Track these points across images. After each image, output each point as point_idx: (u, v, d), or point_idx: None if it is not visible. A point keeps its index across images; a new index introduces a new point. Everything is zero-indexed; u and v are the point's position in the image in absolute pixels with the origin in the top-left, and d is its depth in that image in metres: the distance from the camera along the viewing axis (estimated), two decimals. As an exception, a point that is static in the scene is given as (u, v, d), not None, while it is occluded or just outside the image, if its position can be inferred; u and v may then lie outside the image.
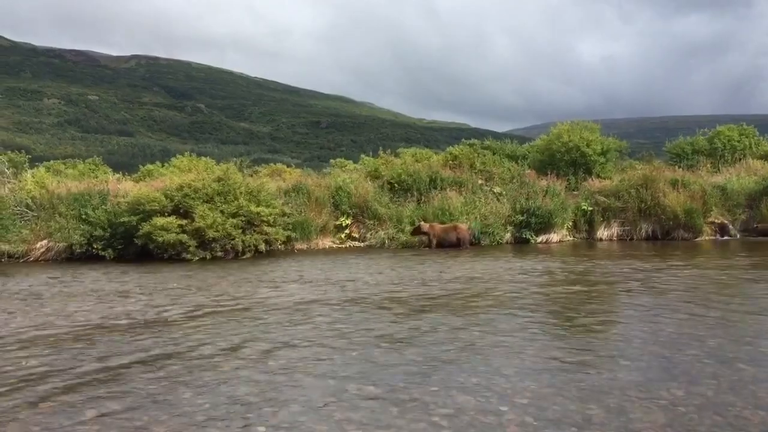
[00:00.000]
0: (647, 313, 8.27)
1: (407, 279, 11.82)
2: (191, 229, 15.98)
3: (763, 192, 20.59)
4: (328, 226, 19.43)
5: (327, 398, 5.18)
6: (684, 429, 4.39)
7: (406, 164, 22.44)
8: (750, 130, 28.12)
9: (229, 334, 7.52)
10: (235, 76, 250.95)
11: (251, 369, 6.05)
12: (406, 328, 7.64)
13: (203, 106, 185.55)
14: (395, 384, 5.47)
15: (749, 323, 7.59)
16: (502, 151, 28.61)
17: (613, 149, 25.44)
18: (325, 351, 6.63)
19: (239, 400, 5.19)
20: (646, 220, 20.37)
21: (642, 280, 11.20)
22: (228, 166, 19.18)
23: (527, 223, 19.41)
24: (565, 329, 7.61)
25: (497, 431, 4.46)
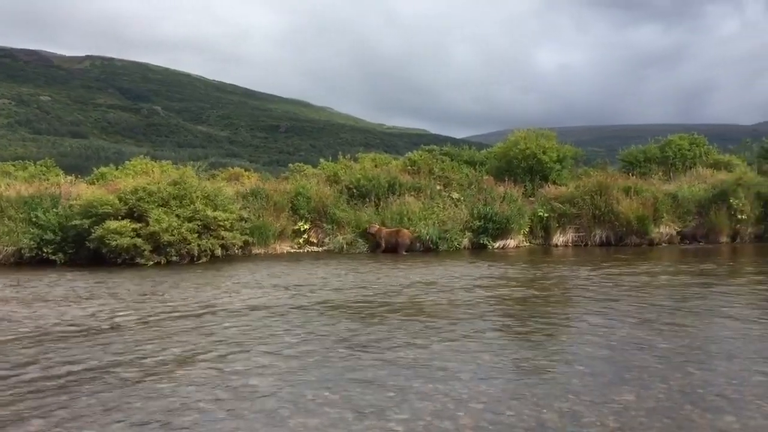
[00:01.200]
0: (600, 318, 8.42)
1: (365, 284, 11.81)
2: (146, 233, 15.68)
3: (712, 200, 21.14)
4: (286, 230, 19.30)
5: (283, 404, 5.14)
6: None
7: (365, 169, 22.43)
8: (700, 139, 28.85)
9: (183, 339, 7.41)
10: (193, 79, 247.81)
11: (206, 375, 5.97)
12: (363, 333, 7.63)
13: (160, 108, 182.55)
14: (352, 390, 5.46)
15: (699, 327, 7.77)
16: (460, 157, 28.80)
17: (569, 157, 25.82)
18: (281, 356, 6.58)
19: (193, 407, 5.11)
20: (600, 226, 20.73)
21: (595, 285, 11.40)
22: (184, 170, 18.91)
23: (485, 229, 19.57)
24: (520, 334, 7.69)
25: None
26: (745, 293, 10.50)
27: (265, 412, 4.99)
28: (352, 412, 4.95)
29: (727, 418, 4.68)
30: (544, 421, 4.71)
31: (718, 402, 5.02)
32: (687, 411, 4.85)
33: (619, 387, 5.43)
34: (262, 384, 5.68)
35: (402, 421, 4.75)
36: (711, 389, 5.33)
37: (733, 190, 20.93)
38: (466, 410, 4.95)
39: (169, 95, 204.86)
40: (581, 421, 4.69)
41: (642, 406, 4.97)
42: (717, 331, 7.58)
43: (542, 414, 4.84)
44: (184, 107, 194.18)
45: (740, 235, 20.97)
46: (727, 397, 5.13)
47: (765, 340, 7.03)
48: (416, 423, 4.71)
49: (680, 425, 4.57)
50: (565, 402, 5.08)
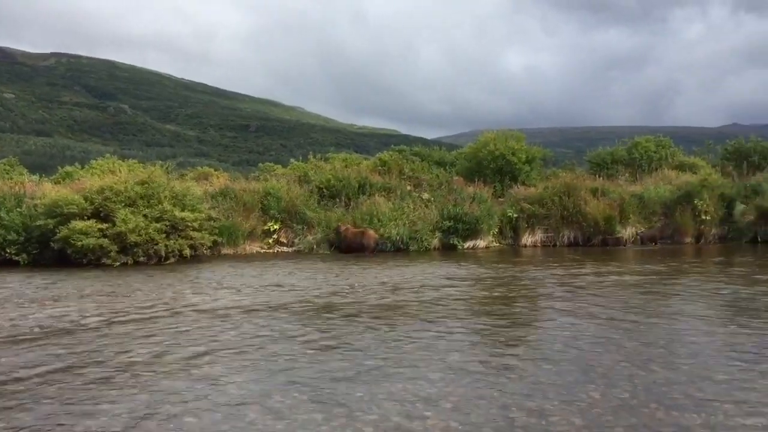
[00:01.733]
0: (568, 317, 8.51)
1: (335, 285, 11.78)
2: (112, 234, 15.46)
3: (677, 201, 21.51)
4: (256, 230, 19.19)
5: (250, 405, 5.10)
6: (600, 430, 4.52)
7: (336, 169, 22.41)
8: (666, 141, 29.38)
9: (149, 341, 7.32)
10: (161, 77, 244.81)
11: (172, 377, 5.90)
12: (332, 334, 7.61)
13: (127, 107, 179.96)
14: (321, 391, 5.44)
15: (663, 327, 7.90)
16: (430, 157, 28.96)
17: (537, 158, 26.11)
18: (249, 357, 6.53)
19: (159, 409, 5.05)
20: (568, 226, 20.98)
21: (563, 285, 11.52)
22: (152, 169, 18.67)
23: (455, 229, 19.66)
24: (489, 334, 7.74)
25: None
26: (708, 293, 10.69)
27: (232, 413, 4.95)
28: (320, 413, 4.93)
29: (690, 416, 4.76)
30: (512, 420, 4.74)
31: (682, 400, 5.11)
32: (651, 409, 4.92)
33: (586, 386, 5.49)
34: (230, 385, 5.63)
35: (371, 421, 4.74)
36: (675, 387, 5.42)
37: (697, 192, 21.32)
38: (435, 410, 4.96)
39: (137, 93, 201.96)
40: (548, 419, 4.73)
41: (608, 405, 5.03)
42: (681, 330, 7.71)
43: (510, 413, 4.87)
44: (152, 106, 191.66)
45: (704, 235, 21.36)
46: (690, 395, 5.22)
47: (727, 340, 7.17)
48: (385, 423, 4.71)
49: (645, 423, 4.64)
50: (532, 401, 5.13)
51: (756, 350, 6.61)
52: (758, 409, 4.86)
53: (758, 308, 9.15)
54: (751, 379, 5.60)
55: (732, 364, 6.10)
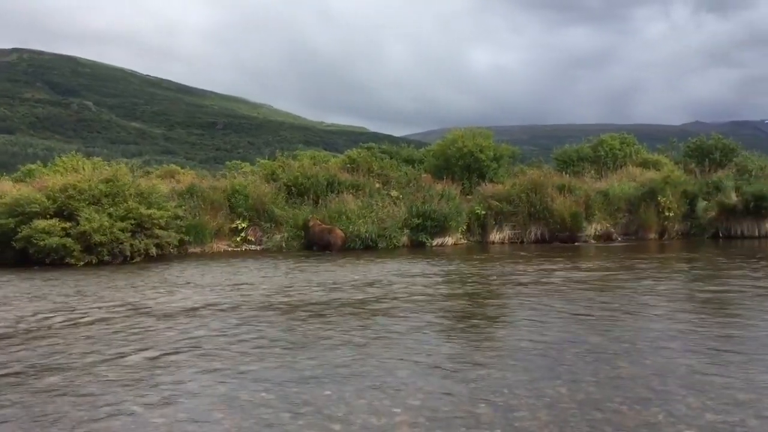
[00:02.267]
0: (534, 313, 8.59)
1: (302, 283, 11.74)
2: (76, 233, 15.20)
3: (641, 198, 21.86)
4: (223, 229, 19.04)
5: (217, 405, 5.05)
6: (566, 425, 4.57)
7: (304, 167, 22.33)
8: (630, 138, 29.83)
9: (114, 342, 7.21)
10: (126, 74, 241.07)
11: (138, 378, 5.82)
12: (300, 332, 7.58)
13: (91, 103, 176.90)
14: (288, 389, 5.41)
15: (628, 322, 8.01)
16: (399, 155, 29.01)
17: (505, 155, 26.30)
18: (215, 357, 6.47)
19: (124, 410, 4.97)
20: (535, 223, 21.18)
21: (530, 282, 11.63)
22: (117, 167, 18.40)
23: (423, 227, 19.72)
24: (457, 331, 7.79)
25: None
26: (671, 289, 10.88)
27: (198, 413, 4.90)
28: (288, 411, 4.90)
29: (654, 410, 4.83)
30: (479, 415, 4.77)
31: (646, 394, 5.19)
32: (616, 404, 4.98)
33: (552, 381, 5.54)
34: (196, 385, 5.58)
35: (339, 419, 4.73)
36: (639, 382, 5.50)
37: (660, 189, 21.70)
38: (403, 407, 4.97)
39: (101, 90, 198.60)
40: (515, 414, 4.77)
41: (573, 399, 5.09)
42: (644, 325, 7.83)
43: (477, 408, 4.90)
44: (117, 103, 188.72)
45: (668, 231, 21.75)
46: (654, 389, 5.30)
47: (688, 334, 7.30)
48: (353, 421, 4.70)
49: (609, 418, 4.70)
50: (499, 396, 5.16)
51: (717, 343, 6.75)
52: (719, 402, 4.96)
53: (719, 302, 9.35)
54: (712, 373, 5.71)
55: (694, 357, 6.22)
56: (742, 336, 7.11)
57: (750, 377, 5.56)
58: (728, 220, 21.65)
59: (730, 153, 26.75)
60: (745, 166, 24.20)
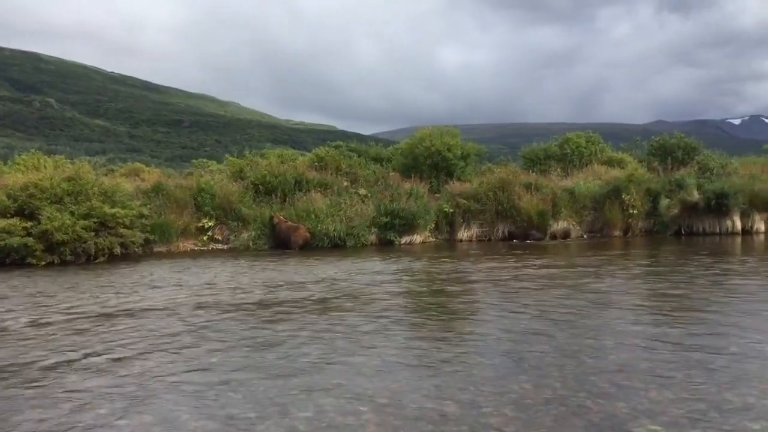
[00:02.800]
0: (501, 310, 8.65)
1: (270, 282, 11.66)
2: (37, 232, 14.91)
3: (606, 195, 22.16)
4: (189, 228, 18.83)
5: (182, 407, 4.99)
6: (531, 420, 4.62)
7: (272, 165, 22.19)
8: (596, 137, 30.21)
9: (77, 343, 7.08)
10: (89, 70, 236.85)
11: (101, 380, 5.72)
12: (267, 332, 7.53)
13: (53, 101, 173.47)
14: (254, 389, 5.37)
15: (592, 318, 8.12)
16: (367, 153, 28.98)
17: (472, 154, 26.45)
18: (181, 357, 6.40)
19: (86, 413, 4.89)
20: (502, 221, 21.35)
21: (497, 279, 11.71)
22: (80, 165, 18.08)
23: (391, 225, 19.75)
24: (424, 328, 7.80)
25: (357, 431, 4.49)
26: (634, 284, 11.06)
27: (163, 415, 4.84)
28: (254, 411, 4.87)
29: (618, 404, 4.90)
30: (445, 412, 4.79)
31: (610, 389, 5.26)
32: (581, 398, 5.04)
33: (518, 377, 5.59)
34: (161, 386, 5.50)
35: (305, 418, 4.71)
36: (603, 376, 5.57)
37: (625, 186, 22.03)
38: (370, 405, 4.97)
39: (64, 87, 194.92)
40: (481, 411, 4.80)
41: (539, 395, 5.14)
42: (609, 320, 7.94)
43: (444, 406, 4.92)
44: (80, 100, 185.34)
45: (632, 228, 22.09)
46: (617, 383, 5.38)
47: (651, 328, 7.42)
48: (320, 420, 4.69)
49: (574, 412, 4.76)
50: (466, 393, 5.19)
51: (678, 338, 6.87)
52: (680, 396, 5.05)
53: (681, 297, 9.52)
54: (673, 367, 5.81)
55: (656, 352, 6.32)
56: (702, 331, 7.25)
57: (710, 371, 5.67)
58: (690, 218, 22.07)
59: (692, 152, 27.24)
60: (707, 165, 24.68)
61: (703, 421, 4.55)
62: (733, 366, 5.83)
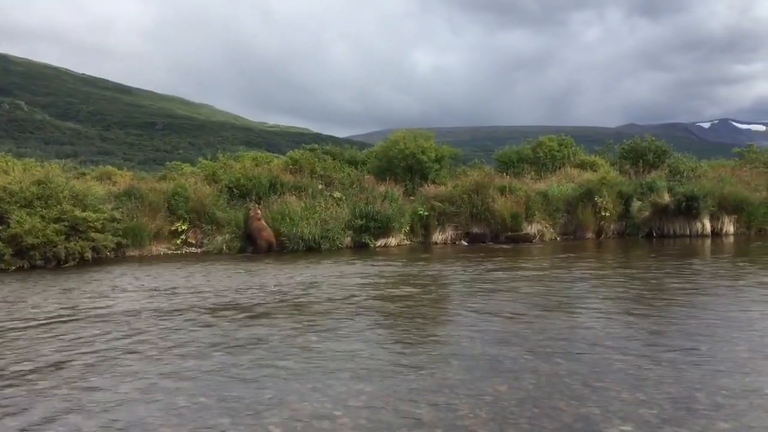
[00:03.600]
0: (476, 314, 8.69)
1: (244, 286, 11.59)
2: (6, 236, 14.65)
3: (579, 198, 22.38)
4: (162, 231, 18.63)
5: (153, 412, 4.94)
6: (505, 422, 4.64)
7: (246, 168, 22.06)
8: (568, 140, 30.46)
9: (47, 349, 6.97)
10: (60, 72, 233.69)
11: (71, 386, 5.64)
12: (241, 335, 7.48)
13: (23, 103, 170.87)
14: (227, 393, 5.33)
15: (564, 320, 8.19)
16: (342, 156, 28.92)
17: (447, 156, 26.53)
18: (153, 363, 6.32)
19: (57, 420, 4.81)
20: (477, 224, 21.44)
21: (471, 282, 11.77)
22: (50, 168, 17.82)
23: (366, 228, 19.72)
24: (398, 332, 7.80)
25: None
26: (606, 286, 11.17)
27: (134, 421, 4.78)
28: (227, 416, 4.83)
29: (590, 406, 4.95)
30: (420, 415, 4.80)
31: (582, 390, 5.31)
32: (554, 400, 5.09)
33: (492, 379, 5.62)
34: (132, 392, 5.44)
35: (279, 423, 4.69)
36: (576, 378, 5.62)
37: (597, 189, 22.25)
38: (344, 409, 4.96)
39: (34, 89, 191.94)
40: (456, 413, 4.82)
41: (513, 397, 5.17)
42: (581, 322, 8.01)
43: (419, 409, 4.93)
44: (51, 102, 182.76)
45: (604, 231, 22.31)
46: (590, 385, 5.43)
47: (623, 329, 7.51)
48: (294, 424, 4.66)
49: (547, 413, 4.79)
50: (441, 396, 5.20)
51: (650, 339, 6.96)
52: (651, 396, 5.11)
53: (652, 298, 9.64)
54: (645, 367, 5.88)
55: (628, 353, 6.39)
56: (672, 331, 7.35)
57: (681, 371, 5.75)
58: (661, 220, 22.35)
59: (662, 155, 27.61)
60: (677, 168, 25.04)
61: (674, 421, 4.61)
62: (703, 366, 5.92)
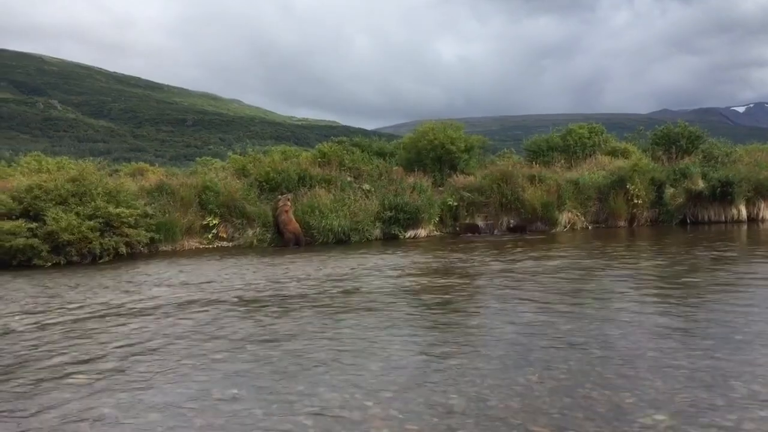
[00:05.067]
0: (507, 303, 8.65)
1: (275, 278, 11.67)
2: (43, 233, 14.94)
3: (610, 186, 22.11)
4: (194, 226, 18.84)
5: (188, 404, 5.01)
6: (537, 412, 4.61)
7: (275, 162, 22.18)
8: (598, 127, 30.06)
9: (84, 343, 7.10)
10: (92, 71, 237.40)
11: (107, 379, 5.74)
12: (273, 328, 7.54)
13: (57, 102, 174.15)
14: (260, 386, 5.38)
15: (597, 309, 8.11)
16: (370, 148, 28.90)
17: (476, 146, 26.39)
18: (187, 356, 6.41)
19: (93, 413, 4.90)
20: (507, 213, 21.34)
21: (502, 271, 11.70)
22: (84, 166, 18.13)
23: (396, 219, 19.73)
24: (429, 322, 7.80)
25: (362, 426, 4.49)
26: (639, 274, 11.03)
27: (169, 413, 4.85)
28: (259, 408, 4.88)
29: (623, 394, 4.90)
30: (451, 406, 4.79)
31: (616, 380, 5.25)
32: (587, 389, 5.04)
33: (523, 369, 5.59)
34: (167, 385, 5.52)
35: (311, 414, 4.72)
36: (608, 367, 5.57)
37: (629, 177, 21.96)
38: (375, 400, 4.98)
39: (67, 88, 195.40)
40: (487, 403, 4.80)
41: (545, 387, 5.13)
42: (614, 311, 7.92)
43: (450, 399, 4.92)
44: (84, 101, 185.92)
45: (637, 218, 22.04)
46: (623, 374, 5.37)
47: (657, 318, 7.41)
48: (325, 415, 4.69)
49: (580, 403, 4.75)
50: (472, 386, 5.19)
51: (684, 327, 6.86)
52: (686, 385, 5.04)
53: (686, 286, 9.50)
54: (679, 356, 5.80)
55: (662, 341, 6.31)
56: (708, 319, 7.23)
57: (716, 360, 5.66)
58: (695, 206, 22.02)
59: (696, 140, 27.13)
60: (712, 153, 24.60)
61: (710, 410, 4.54)
62: (739, 355, 5.82)
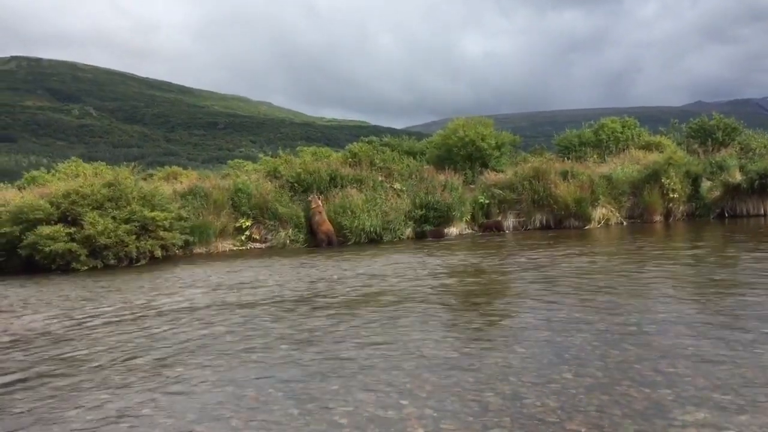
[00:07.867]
0: (540, 301, 8.57)
1: (308, 279, 11.74)
2: (81, 237, 15.25)
3: (645, 180, 21.78)
4: (227, 228, 19.06)
5: (224, 405, 5.05)
6: (574, 410, 4.56)
7: (306, 163, 22.31)
8: (631, 121, 29.66)
9: (121, 345, 7.22)
10: (125, 77, 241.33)
11: (144, 380, 5.82)
12: (306, 328, 7.58)
13: (92, 108, 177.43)
14: (295, 386, 5.41)
15: (634, 305, 7.99)
16: (400, 147, 28.92)
17: (507, 143, 26.22)
18: (222, 356, 6.47)
19: (131, 413, 4.98)
20: (539, 210, 21.16)
21: (536, 269, 11.60)
22: (119, 171, 18.45)
23: (427, 218, 19.72)
24: (463, 321, 7.77)
25: (397, 425, 4.49)
26: (677, 270, 10.85)
27: (206, 412, 4.90)
28: (295, 407, 4.90)
29: (662, 391, 4.82)
30: (486, 404, 4.76)
31: (654, 376, 5.17)
32: (624, 387, 4.97)
33: (559, 367, 5.53)
34: (203, 385, 5.58)
35: (346, 413, 4.73)
36: (646, 364, 5.48)
37: (664, 170, 21.60)
38: (410, 399, 4.97)
39: (101, 95, 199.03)
40: (523, 402, 4.76)
41: (581, 384, 5.07)
42: (651, 308, 7.80)
43: (485, 398, 4.89)
44: (118, 107, 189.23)
45: (673, 213, 21.68)
46: (661, 371, 5.28)
47: (695, 315, 7.28)
48: (360, 414, 4.70)
49: (617, 400, 4.69)
50: (507, 385, 5.15)
51: (724, 322, 6.73)
52: (727, 382, 4.94)
53: (725, 281, 9.31)
54: (720, 352, 5.69)
55: (701, 338, 6.19)
56: (748, 315, 7.08)
57: (757, 356, 5.54)
58: (733, 200, 21.57)
59: (732, 132, 26.61)
60: (749, 145, 24.09)
61: (751, 407, 4.44)
62: (781, 350, 5.69)
